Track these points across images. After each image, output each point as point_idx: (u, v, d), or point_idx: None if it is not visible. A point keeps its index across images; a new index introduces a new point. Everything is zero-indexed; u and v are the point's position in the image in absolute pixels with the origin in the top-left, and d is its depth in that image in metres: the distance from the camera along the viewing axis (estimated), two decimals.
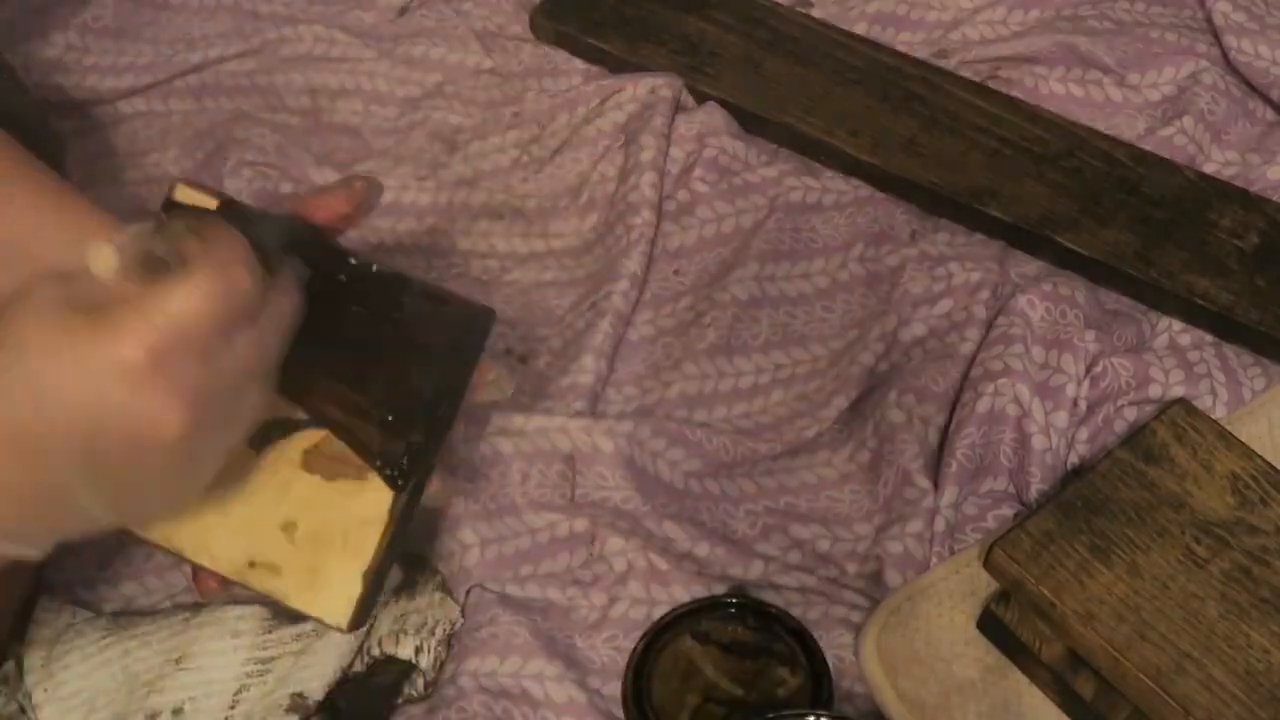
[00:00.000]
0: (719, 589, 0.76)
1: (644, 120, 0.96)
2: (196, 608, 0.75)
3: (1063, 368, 0.82)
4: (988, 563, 0.69)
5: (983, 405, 0.80)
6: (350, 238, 0.64)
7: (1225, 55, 0.99)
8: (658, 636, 0.70)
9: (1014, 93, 0.98)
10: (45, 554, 0.56)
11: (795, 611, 0.73)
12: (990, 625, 0.73)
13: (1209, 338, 0.86)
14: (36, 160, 0.72)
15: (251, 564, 0.63)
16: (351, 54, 1.05)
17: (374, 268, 0.62)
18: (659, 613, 0.73)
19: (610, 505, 0.79)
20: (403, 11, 1.09)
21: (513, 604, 0.76)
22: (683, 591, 0.76)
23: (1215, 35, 1.00)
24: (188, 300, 0.50)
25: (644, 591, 0.76)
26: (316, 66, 1.04)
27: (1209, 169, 0.95)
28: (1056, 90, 0.99)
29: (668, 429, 0.81)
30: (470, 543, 0.78)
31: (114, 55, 1.06)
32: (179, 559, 0.64)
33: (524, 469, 0.80)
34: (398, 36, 1.06)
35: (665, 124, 0.95)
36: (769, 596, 0.76)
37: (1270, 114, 0.98)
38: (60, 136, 0.97)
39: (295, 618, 0.75)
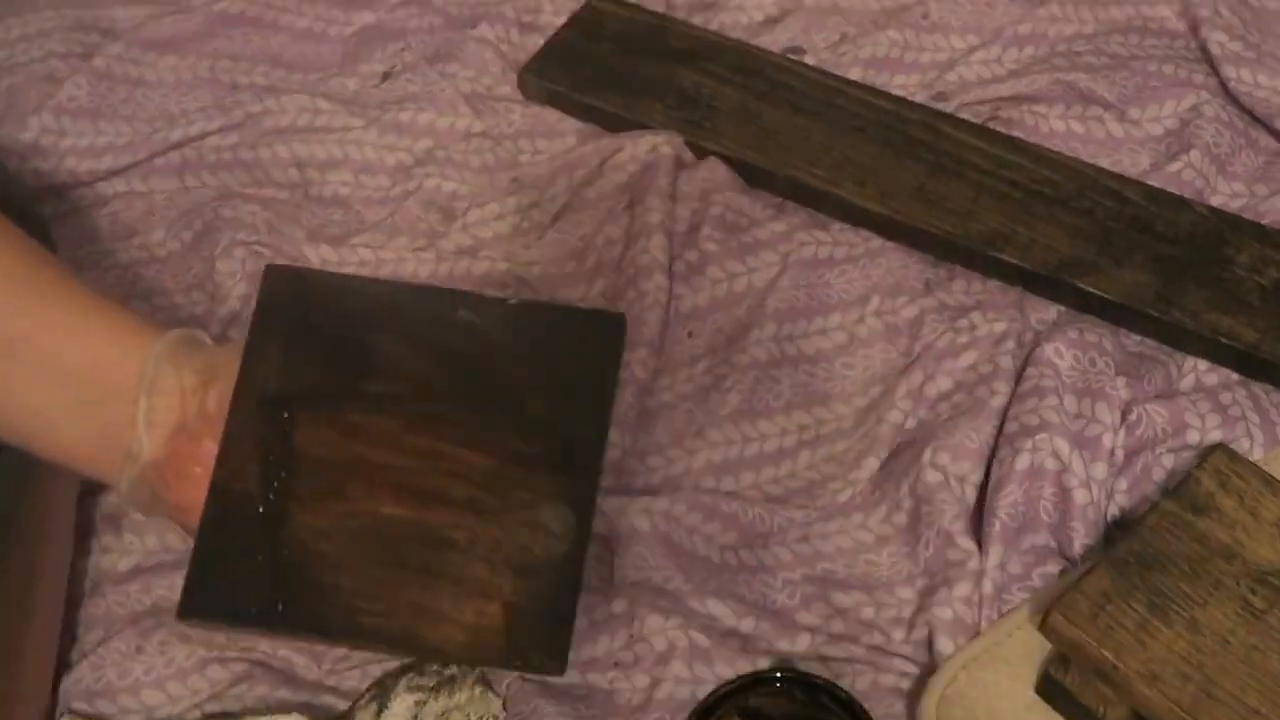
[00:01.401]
0: (763, 664, 0.74)
1: (647, 180, 0.94)
2: (226, 717, 0.73)
3: (1098, 417, 0.80)
4: (1045, 627, 0.68)
5: (1021, 462, 0.78)
6: None
7: (1224, 85, 0.99)
8: (705, 716, 0.68)
9: (1015, 133, 0.97)
10: None
11: (843, 682, 0.72)
12: (1051, 690, 0.71)
13: (1235, 376, 0.85)
14: (61, 263, 0.73)
15: None
16: (337, 123, 1.02)
17: (505, 299, 0.73)
18: (704, 691, 0.70)
19: (650, 585, 0.77)
20: (386, 77, 1.07)
21: (554, 692, 0.74)
22: (726, 668, 0.74)
23: (1212, 65, 1.00)
24: None
25: (687, 670, 0.74)
26: (302, 138, 1.01)
27: (1216, 201, 0.94)
28: (1057, 128, 0.98)
29: (701, 502, 0.79)
30: None
31: (91, 136, 1.03)
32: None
33: None
34: (384, 103, 1.04)
35: (669, 184, 0.93)
36: (815, 668, 0.74)
37: (1274, 144, 0.97)
38: (44, 221, 0.94)
39: None
